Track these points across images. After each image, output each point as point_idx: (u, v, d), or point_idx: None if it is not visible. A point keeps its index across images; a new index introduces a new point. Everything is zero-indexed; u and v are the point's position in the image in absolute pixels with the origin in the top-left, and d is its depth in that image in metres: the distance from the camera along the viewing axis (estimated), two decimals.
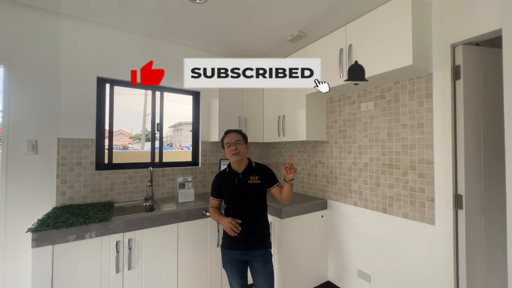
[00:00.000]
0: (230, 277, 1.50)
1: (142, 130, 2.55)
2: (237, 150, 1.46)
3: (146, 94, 3.07)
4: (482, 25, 1.31)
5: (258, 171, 1.53)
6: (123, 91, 2.23)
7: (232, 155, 1.46)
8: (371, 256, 1.86)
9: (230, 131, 1.54)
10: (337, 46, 1.79)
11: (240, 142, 1.49)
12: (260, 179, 1.51)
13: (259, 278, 1.44)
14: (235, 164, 1.52)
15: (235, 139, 1.48)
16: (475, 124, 1.45)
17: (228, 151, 1.48)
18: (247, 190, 1.48)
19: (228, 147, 1.48)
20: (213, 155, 2.64)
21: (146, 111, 2.97)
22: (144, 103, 3.29)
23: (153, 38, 2.30)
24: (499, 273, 1.44)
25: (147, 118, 2.57)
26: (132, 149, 2.50)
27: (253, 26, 2.10)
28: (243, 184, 1.48)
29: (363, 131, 1.93)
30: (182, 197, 2.07)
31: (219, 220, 1.51)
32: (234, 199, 1.49)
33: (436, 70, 1.50)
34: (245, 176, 1.50)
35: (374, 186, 1.85)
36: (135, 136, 2.50)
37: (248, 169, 1.52)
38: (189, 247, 1.84)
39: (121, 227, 1.59)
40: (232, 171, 1.53)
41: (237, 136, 1.50)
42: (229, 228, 1.41)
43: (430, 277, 1.52)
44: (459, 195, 1.44)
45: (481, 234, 1.46)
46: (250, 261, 1.47)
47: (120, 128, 2.16)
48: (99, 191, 2.03)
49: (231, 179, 1.51)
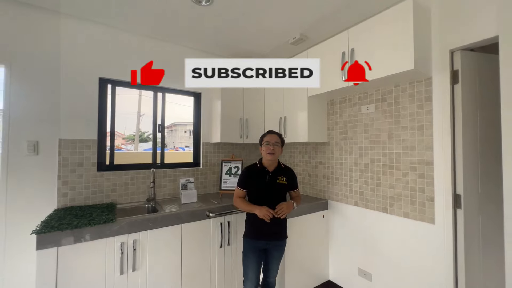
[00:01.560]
0: (248, 264, 1.63)
1: (136, 131, 2.53)
2: (273, 151, 1.61)
3: (141, 95, 3.04)
4: (479, 32, 1.37)
5: (286, 173, 1.70)
6: (117, 91, 2.21)
7: (268, 154, 1.61)
8: (372, 255, 1.90)
9: (272, 132, 1.70)
10: (339, 49, 1.83)
11: (278, 145, 1.64)
12: (287, 180, 1.68)
13: (273, 260, 1.66)
14: (268, 163, 1.67)
15: (274, 140, 1.63)
16: (472, 126, 1.51)
17: (265, 149, 1.62)
18: (275, 188, 1.64)
19: (267, 145, 1.62)
20: (214, 156, 2.64)
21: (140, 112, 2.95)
22: (138, 103, 3.26)
23: (155, 40, 2.31)
24: (496, 270, 1.50)
25: (141, 119, 2.55)
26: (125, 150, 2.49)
27: (256, 29, 2.13)
28: (273, 182, 1.64)
29: (364, 133, 1.97)
30: (185, 198, 2.08)
31: (253, 209, 1.59)
32: (262, 194, 1.63)
33: (435, 74, 1.55)
34: (275, 175, 1.65)
35: (375, 186, 1.89)
36: (129, 137, 2.48)
37: (278, 169, 1.68)
38: (193, 248, 1.84)
39: (126, 228, 1.58)
40: (263, 168, 1.67)
41: (276, 139, 1.65)
42: (266, 215, 1.53)
43: (430, 274, 1.57)
44: (457, 195, 1.49)
45: (478, 232, 1.52)
46: (270, 249, 1.65)
47: (108, 130, 2.16)
48: (101, 192, 2.01)
49: (262, 175, 1.65)
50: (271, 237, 1.63)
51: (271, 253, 1.66)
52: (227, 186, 2.41)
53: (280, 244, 1.67)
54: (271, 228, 1.60)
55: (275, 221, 1.59)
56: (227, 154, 2.74)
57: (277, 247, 1.66)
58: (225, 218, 1.98)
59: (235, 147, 2.82)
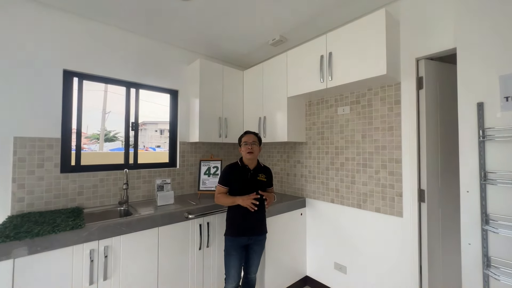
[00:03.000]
0: (231, 262, 1.66)
1: (101, 130, 2.35)
2: (252, 150, 1.70)
3: (106, 91, 2.84)
4: (440, 43, 1.53)
5: (265, 171, 1.81)
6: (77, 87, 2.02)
7: (247, 153, 1.70)
8: (347, 249, 2.01)
9: (249, 132, 1.79)
10: (318, 52, 1.90)
11: (255, 143, 1.74)
12: (266, 178, 1.79)
13: (255, 255, 1.72)
14: (248, 161, 1.74)
15: (251, 140, 1.72)
16: (433, 127, 1.68)
17: (244, 149, 1.71)
18: (256, 185, 1.71)
19: (245, 145, 1.71)
20: (192, 156, 2.57)
21: (106, 109, 2.76)
22: (104, 100, 3.02)
23: (130, 32, 2.17)
24: (453, 254, 1.69)
25: (107, 117, 2.38)
26: (88, 150, 2.29)
27: (237, 28, 2.12)
28: (254, 179, 1.72)
29: (340, 133, 2.08)
30: (161, 200, 1.98)
31: (236, 200, 1.65)
32: (244, 190, 1.68)
33: (403, 80, 1.70)
34: (255, 172, 1.75)
35: (349, 184, 2.00)
36: (92, 136, 2.29)
37: (258, 167, 1.78)
38: (171, 251, 1.76)
39: (96, 234, 1.46)
40: (244, 166, 1.74)
41: (253, 138, 1.75)
42: (251, 203, 1.61)
43: (398, 262, 1.70)
44: (422, 190, 1.65)
45: (438, 222, 1.69)
46: (252, 245, 1.71)
47: (73, 128, 1.99)
48: (65, 196, 1.83)
49: (244, 172, 1.72)
50: (253, 232, 1.68)
51: (253, 248, 1.71)
52: (206, 187, 2.36)
53: (261, 239, 1.74)
54: (252, 223, 1.68)
55: (256, 216, 1.67)
56: (205, 153, 2.68)
57: (258, 242, 1.72)
58: (205, 219, 1.93)
59: (213, 146, 2.76)
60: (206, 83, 2.37)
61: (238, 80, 2.67)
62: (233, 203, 1.67)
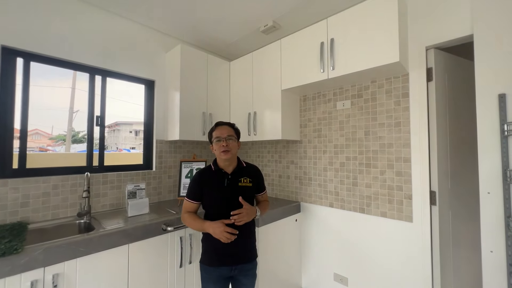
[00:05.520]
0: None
1: (68, 130, 1.98)
2: (228, 148, 1.24)
3: (74, 88, 2.45)
4: (453, 29, 1.39)
5: (249, 173, 1.34)
6: (41, 83, 1.64)
7: (222, 152, 1.24)
8: (348, 259, 1.81)
9: (222, 123, 1.32)
10: (318, 39, 1.69)
11: (232, 138, 1.28)
12: (252, 181, 1.32)
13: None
14: (224, 163, 1.29)
15: (226, 134, 1.26)
16: (443, 123, 1.55)
17: (217, 147, 1.25)
18: (237, 193, 1.25)
19: (218, 142, 1.25)
20: (171, 156, 2.23)
21: (74, 108, 2.37)
22: (71, 98, 2.62)
23: (95, 7, 1.79)
24: (468, 263, 1.56)
25: (74, 116, 2.00)
26: (52, 152, 1.92)
27: (223, 9, 1.85)
28: (234, 186, 1.27)
29: (339, 130, 1.89)
30: (132, 209, 1.64)
31: (206, 228, 1.20)
32: (221, 204, 1.24)
33: (412, 70, 1.54)
34: (235, 177, 1.28)
35: (351, 186, 1.81)
36: (58, 137, 1.92)
37: (238, 170, 1.31)
38: (145, 272, 1.44)
39: (41, 259, 1.10)
40: (219, 170, 1.29)
41: (229, 131, 1.28)
42: (224, 236, 1.15)
43: (408, 272, 1.53)
44: (432, 192, 1.49)
45: (449, 226, 1.55)
46: (238, 277, 1.26)
47: (35, 128, 1.61)
48: (3, 208, 1.42)
49: (219, 180, 1.27)
50: (236, 261, 1.23)
51: (240, 281, 1.27)
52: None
53: (249, 268, 1.27)
54: (233, 248, 1.21)
55: (239, 239, 1.20)
56: (186, 154, 2.35)
57: (245, 272, 1.26)
58: (186, 231, 1.63)
59: (196, 145, 2.45)
60: (187, 74, 2.06)
61: (225, 71, 2.39)
62: (201, 230, 1.23)
